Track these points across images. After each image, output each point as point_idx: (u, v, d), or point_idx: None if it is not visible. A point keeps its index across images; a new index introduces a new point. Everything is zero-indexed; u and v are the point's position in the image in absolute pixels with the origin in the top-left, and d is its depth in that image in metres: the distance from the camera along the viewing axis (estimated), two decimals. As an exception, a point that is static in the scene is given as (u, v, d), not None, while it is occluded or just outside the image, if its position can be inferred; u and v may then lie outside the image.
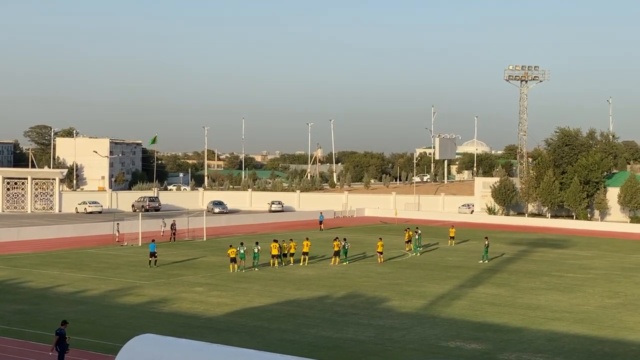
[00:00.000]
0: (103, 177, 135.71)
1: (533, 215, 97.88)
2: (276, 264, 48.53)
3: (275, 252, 48.75)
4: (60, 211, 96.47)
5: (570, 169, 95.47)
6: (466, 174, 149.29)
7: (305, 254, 50.19)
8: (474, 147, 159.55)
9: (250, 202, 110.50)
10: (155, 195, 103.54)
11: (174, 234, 64.00)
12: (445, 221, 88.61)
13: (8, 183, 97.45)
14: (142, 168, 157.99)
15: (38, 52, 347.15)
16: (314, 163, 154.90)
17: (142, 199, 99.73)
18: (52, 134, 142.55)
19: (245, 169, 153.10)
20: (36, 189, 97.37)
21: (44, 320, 31.17)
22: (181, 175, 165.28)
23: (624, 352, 27.73)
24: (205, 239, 64.16)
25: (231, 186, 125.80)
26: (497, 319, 33.31)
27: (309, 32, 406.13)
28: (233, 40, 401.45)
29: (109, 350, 25.58)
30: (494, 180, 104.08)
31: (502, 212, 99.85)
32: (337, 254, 50.65)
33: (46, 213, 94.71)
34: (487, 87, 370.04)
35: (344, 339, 28.82)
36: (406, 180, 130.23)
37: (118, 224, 62.85)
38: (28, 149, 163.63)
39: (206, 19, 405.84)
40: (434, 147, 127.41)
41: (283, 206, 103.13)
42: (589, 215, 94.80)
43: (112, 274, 44.13)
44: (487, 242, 54.60)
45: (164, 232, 66.34)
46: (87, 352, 25.97)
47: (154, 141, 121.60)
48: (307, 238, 53.53)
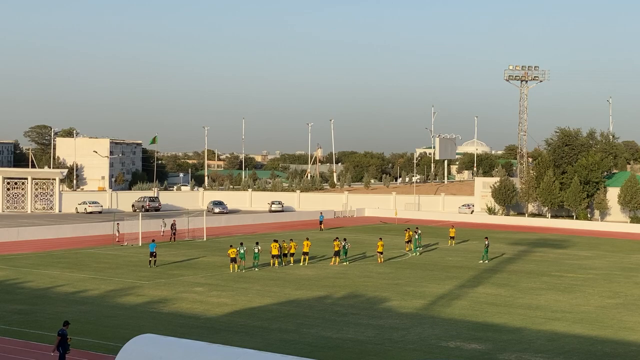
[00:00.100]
0: (103, 177, 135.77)
1: (533, 215, 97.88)
2: (276, 264, 48.53)
3: (276, 252, 48.75)
4: (60, 211, 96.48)
5: (570, 169, 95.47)
6: (466, 174, 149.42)
7: (306, 254, 50.21)
8: (474, 147, 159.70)
9: (250, 202, 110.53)
10: (155, 196, 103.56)
11: (174, 234, 64.01)
12: (445, 221, 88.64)
13: (8, 183, 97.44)
14: (142, 168, 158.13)
15: (38, 52, 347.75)
16: (314, 163, 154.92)
17: (142, 199, 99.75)
18: (52, 134, 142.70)
19: (245, 169, 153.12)
20: (36, 189, 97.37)
21: (44, 320, 31.17)
22: (181, 175, 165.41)
23: (624, 352, 27.72)
24: (205, 239, 64.15)
25: (231, 186, 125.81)
26: (497, 319, 33.31)
27: (309, 32, 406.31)
28: (233, 40, 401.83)
29: (109, 351, 25.57)
30: (494, 180, 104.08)
31: (502, 212, 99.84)
32: (337, 254, 50.66)
33: (46, 213, 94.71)
34: (487, 87, 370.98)
35: (344, 339, 28.81)
36: (396, 181, 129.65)
37: (118, 224, 62.85)
38: (28, 149, 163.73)
39: (206, 20, 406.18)
40: (434, 147, 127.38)
41: (283, 206, 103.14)
42: (589, 216, 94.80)
43: (112, 274, 44.12)
44: (487, 242, 54.61)
45: (164, 232, 66.37)
46: (87, 352, 25.94)
47: (154, 141, 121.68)
48: (308, 238, 53.61)
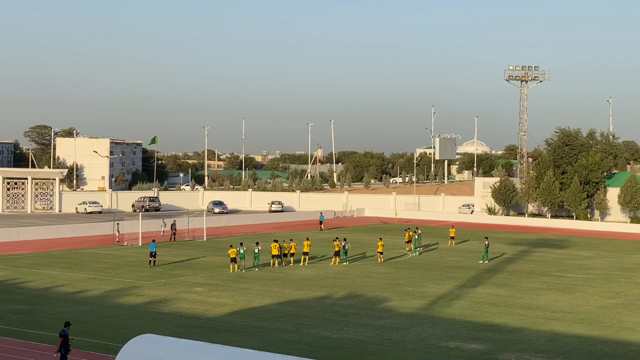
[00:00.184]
0: (103, 177, 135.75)
1: (533, 215, 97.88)
2: (276, 264, 48.53)
3: (276, 252, 48.75)
4: (60, 211, 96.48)
5: (570, 169, 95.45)
6: (466, 174, 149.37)
7: (306, 254, 50.21)
8: (474, 147, 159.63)
9: (250, 202, 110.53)
10: (155, 196, 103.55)
11: (174, 234, 64.01)
12: (445, 221, 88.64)
13: (8, 183, 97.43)
14: (142, 168, 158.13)
15: (38, 52, 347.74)
16: (314, 163, 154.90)
17: (142, 199, 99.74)
18: (52, 134, 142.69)
19: (245, 169, 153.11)
20: (36, 189, 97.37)
21: (44, 320, 31.17)
22: (181, 175, 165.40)
23: (624, 352, 27.72)
24: (205, 239, 64.16)
25: (231, 186, 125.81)
26: (497, 319, 33.30)
27: (309, 32, 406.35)
28: (233, 40, 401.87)
29: (109, 351, 25.57)
30: (494, 180, 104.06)
31: (502, 212, 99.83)
32: (337, 254, 50.66)
33: (46, 213, 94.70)
34: (487, 87, 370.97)
35: (344, 339, 28.81)
36: (390, 182, 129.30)
37: (118, 224, 62.85)
38: (28, 149, 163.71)
39: (206, 20, 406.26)
40: (434, 147, 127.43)
41: (283, 206, 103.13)
42: (589, 216, 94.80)
43: (112, 274, 44.12)
44: (487, 242, 54.60)
45: (164, 232, 66.38)
46: (87, 352, 25.94)
47: (154, 141, 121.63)
48: (308, 238, 53.63)
